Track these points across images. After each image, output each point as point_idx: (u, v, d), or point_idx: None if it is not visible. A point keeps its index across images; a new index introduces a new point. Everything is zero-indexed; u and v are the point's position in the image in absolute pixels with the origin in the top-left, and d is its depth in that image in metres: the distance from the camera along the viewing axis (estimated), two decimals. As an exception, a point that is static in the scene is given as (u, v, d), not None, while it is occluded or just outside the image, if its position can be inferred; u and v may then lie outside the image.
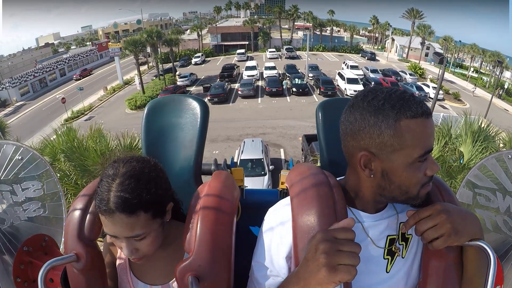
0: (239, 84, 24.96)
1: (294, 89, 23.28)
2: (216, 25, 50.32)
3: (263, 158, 10.07)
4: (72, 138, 4.91)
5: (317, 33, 47.70)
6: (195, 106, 1.08)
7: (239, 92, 23.36)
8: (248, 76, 27.40)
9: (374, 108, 0.63)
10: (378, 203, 0.73)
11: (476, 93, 27.23)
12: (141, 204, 0.72)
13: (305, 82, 24.28)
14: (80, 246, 0.81)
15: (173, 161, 1.05)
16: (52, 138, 5.17)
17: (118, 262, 0.92)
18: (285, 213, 0.75)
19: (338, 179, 0.79)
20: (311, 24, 44.99)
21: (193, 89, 27.33)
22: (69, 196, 4.45)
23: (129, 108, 22.72)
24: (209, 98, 22.07)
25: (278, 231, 0.74)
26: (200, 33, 44.26)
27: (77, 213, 0.83)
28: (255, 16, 51.96)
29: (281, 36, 46.45)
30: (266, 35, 45.34)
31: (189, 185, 1.03)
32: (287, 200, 0.78)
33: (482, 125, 4.53)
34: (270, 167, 9.95)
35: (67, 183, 4.55)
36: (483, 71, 34.66)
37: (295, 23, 49.49)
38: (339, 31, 51.54)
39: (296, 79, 24.39)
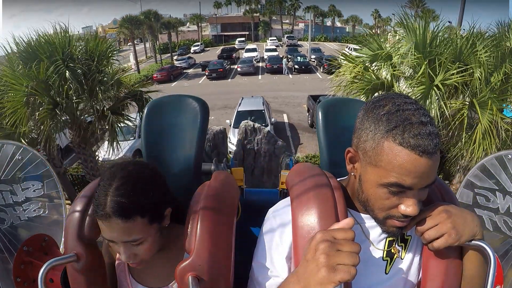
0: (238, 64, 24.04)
1: (296, 66, 22.30)
2: (216, 15, 50.01)
3: (264, 110, 9.19)
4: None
5: (319, 23, 47.31)
6: (195, 106, 1.08)
7: (239, 69, 22.44)
8: (248, 56, 26.52)
9: (374, 115, 0.63)
10: None
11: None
12: (137, 208, 0.72)
13: (307, 60, 23.48)
14: (80, 246, 0.81)
15: (173, 161, 1.05)
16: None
17: (117, 262, 0.92)
18: (285, 214, 0.75)
19: (338, 179, 0.79)
20: (312, 14, 44.56)
21: (190, 71, 26.81)
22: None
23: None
24: (207, 73, 21.29)
25: (278, 232, 0.74)
26: (199, 24, 43.91)
27: (77, 213, 0.83)
28: (257, 7, 51.52)
29: (281, 26, 46.01)
30: (266, 25, 44.88)
31: (189, 185, 1.03)
32: (287, 201, 0.78)
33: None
34: (272, 119, 9.15)
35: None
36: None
37: (296, 20, 49.28)
38: (340, 26, 51.16)
39: (298, 57, 23.54)
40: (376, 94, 4.62)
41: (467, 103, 3.85)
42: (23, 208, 1.22)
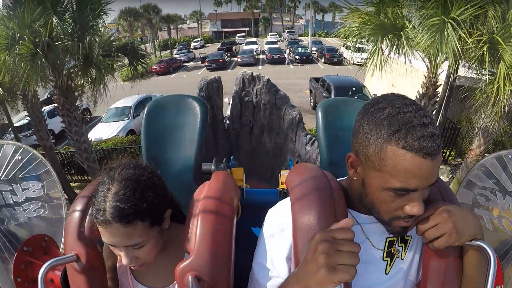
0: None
1: (297, 57, 22.14)
2: (216, 11, 50.06)
3: None
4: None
5: (319, 19, 47.10)
6: (195, 106, 1.08)
7: (239, 60, 22.29)
8: (248, 48, 26.43)
9: (374, 119, 0.62)
10: None
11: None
12: (137, 213, 0.71)
13: (308, 51, 23.34)
14: (80, 246, 0.80)
15: (173, 161, 1.05)
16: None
17: (118, 264, 0.92)
18: (285, 214, 0.75)
19: (339, 180, 0.79)
20: (312, 9, 44.36)
21: (190, 64, 26.79)
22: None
23: (121, 80, 22.40)
24: (206, 64, 21.22)
25: (278, 232, 0.74)
26: (200, 20, 43.90)
27: (77, 213, 0.83)
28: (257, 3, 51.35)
29: (282, 22, 45.87)
30: (266, 21, 44.75)
31: (189, 185, 1.03)
32: (287, 201, 0.78)
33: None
34: None
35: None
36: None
37: (296, 17, 49.19)
38: (341, 22, 50.66)
39: (299, 48, 23.45)
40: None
41: (487, 36, 3.69)
42: (23, 208, 1.22)
